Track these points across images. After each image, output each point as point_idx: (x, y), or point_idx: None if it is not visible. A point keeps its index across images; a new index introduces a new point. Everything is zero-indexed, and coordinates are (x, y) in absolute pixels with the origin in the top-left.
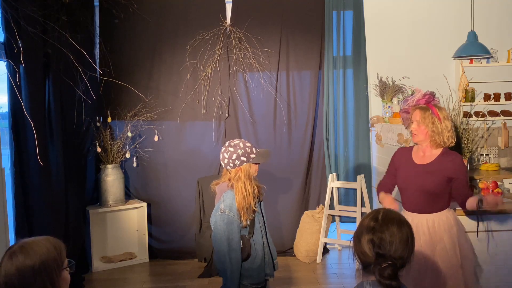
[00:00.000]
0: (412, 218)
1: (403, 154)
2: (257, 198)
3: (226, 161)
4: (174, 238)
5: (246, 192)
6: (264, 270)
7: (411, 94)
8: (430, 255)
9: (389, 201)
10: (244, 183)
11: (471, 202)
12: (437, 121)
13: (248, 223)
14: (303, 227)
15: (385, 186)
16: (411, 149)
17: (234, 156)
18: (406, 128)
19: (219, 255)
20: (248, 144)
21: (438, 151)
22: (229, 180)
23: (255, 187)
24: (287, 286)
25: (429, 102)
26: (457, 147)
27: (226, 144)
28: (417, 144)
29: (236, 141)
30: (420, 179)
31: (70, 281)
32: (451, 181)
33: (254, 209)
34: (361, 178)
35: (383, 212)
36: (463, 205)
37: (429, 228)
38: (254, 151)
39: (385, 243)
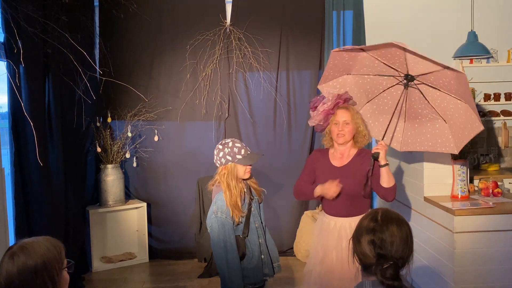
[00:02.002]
0: (335, 222)
1: (319, 158)
2: (250, 198)
3: (214, 158)
4: (174, 238)
5: (230, 191)
6: (261, 270)
7: (322, 96)
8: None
9: (329, 186)
10: (228, 182)
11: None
12: (362, 120)
13: (242, 221)
14: (303, 227)
15: (304, 182)
16: (326, 152)
17: (220, 154)
18: (320, 131)
19: (217, 258)
20: (238, 145)
21: (354, 151)
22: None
23: (243, 187)
24: (287, 286)
25: (348, 102)
26: None
27: (219, 142)
28: (331, 147)
29: (227, 140)
30: (340, 182)
31: (70, 281)
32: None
33: (241, 209)
34: None
35: (382, 212)
36: (381, 191)
37: (352, 232)
38: (243, 153)
39: (386, 244)
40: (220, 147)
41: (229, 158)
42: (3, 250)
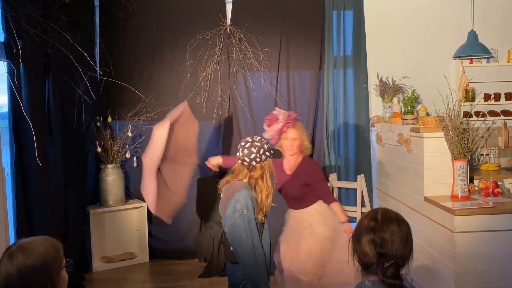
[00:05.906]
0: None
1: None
2: None
3: (253, 156)
4: (174, 238)
5: (269, 188)
6: (269, 268)
7: (275, 115)
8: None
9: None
10: (267, 179)
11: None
12: (306, 136)
13: (264, 221)
14: None
15: None
16: (281, 161)
17: (261, 151)
18: (274, 143)
19: (244, 257)
20: (263, 140)
21: (299, 159)
22: (250, 177)
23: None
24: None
25: (296, 121)
26: (457, 148)
27: (249, 139)
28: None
29: (256, 138)
30: (288, 186)
31: (71, 280)
32: (310, 185)
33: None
34: (361, 178)
35: (381, 212)
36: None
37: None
38: (269, 147)
39: (386, 243)
40: (259, 144)
41: (268, 154)
42: (3, 250)
